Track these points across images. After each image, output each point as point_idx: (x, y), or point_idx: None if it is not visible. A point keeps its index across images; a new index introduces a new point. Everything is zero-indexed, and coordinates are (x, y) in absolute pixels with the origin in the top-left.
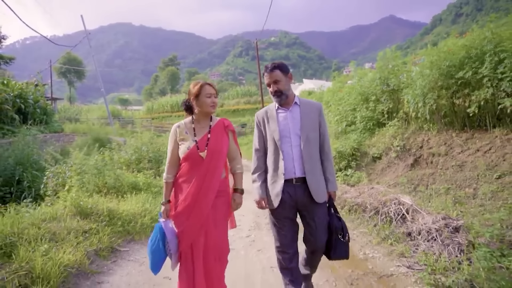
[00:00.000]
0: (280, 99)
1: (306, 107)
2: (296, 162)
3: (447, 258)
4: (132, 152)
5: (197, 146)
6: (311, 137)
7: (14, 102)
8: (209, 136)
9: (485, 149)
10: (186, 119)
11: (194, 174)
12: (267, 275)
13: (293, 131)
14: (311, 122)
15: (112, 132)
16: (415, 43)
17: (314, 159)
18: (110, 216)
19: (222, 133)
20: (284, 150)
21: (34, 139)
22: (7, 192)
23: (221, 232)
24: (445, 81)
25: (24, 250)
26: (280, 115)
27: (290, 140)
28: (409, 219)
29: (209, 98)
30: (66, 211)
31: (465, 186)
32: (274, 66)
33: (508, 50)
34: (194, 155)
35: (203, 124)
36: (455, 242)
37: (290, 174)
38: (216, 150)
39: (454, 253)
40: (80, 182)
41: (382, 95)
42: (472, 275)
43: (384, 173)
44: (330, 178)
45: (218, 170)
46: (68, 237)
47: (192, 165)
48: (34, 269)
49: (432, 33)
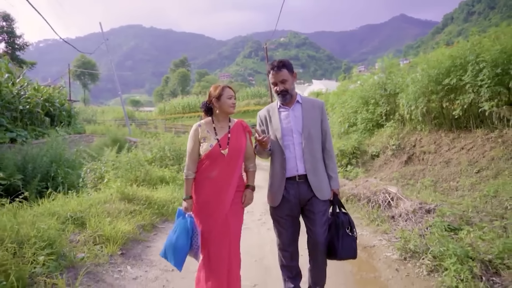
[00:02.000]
0: (285, 98)
1: (307, 105)
2: (299, 160)
3: (416, 232)
4: (156, 150)
5: (219, 144)
6: (313, 135)
7: (43, 105)
8: (229, 136)
9: (468, 147)
10: (206, 119)
11: (215, 170)
12: (274, 245)
13: (295, 129)
14: (313, 120)
15: (128, 133)
16: (426, 42)
17: (316, 156)
18: (147, 201)
19: (240, 133)
20: (286, 148)
21: (63, 139)
22: (43, 186)
23: (237, 221)
24: (434, 87)
25: (94, 221)
26: (282, 114)
27: (292, 138)
28: (394, 205)
29: (230, 99)
30: (113, 196)
31: (450, 180)
32: (281, 65)
33: (487, 61)
34: (216, 153)
35: (222, 125)
36: (425, 220)
37: (293, 171)
38: (236, 149)
39: (423, 228)
40: (115, 176)
41: (380, 98)
42: (428, 240)
43: (381, 169)
44: (332, 176)
45: (238, 167)
46: (120, 215)
47: (213, 162)
48: (104, 233)
49: (444, 32)
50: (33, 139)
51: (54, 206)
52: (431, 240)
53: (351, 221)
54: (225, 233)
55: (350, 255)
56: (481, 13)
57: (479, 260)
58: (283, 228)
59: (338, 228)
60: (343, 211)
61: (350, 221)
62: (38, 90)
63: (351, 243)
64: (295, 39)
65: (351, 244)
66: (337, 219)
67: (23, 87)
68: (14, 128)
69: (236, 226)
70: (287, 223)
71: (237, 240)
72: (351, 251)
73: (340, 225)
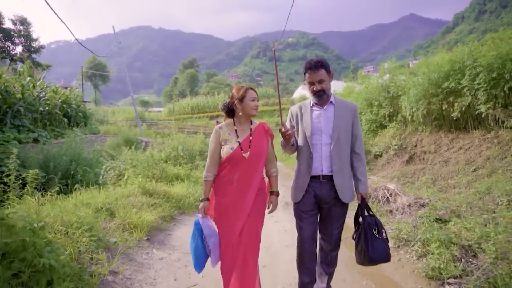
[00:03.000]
0: (321, 98)
1: (340, 107)
2: (324, 161)
3: (409, 223)
4: (170, 150)
5: (241, 147)
6: (343, 137)
7: (61, 107)
8: (251, 138)
9: (466, 147)
10: (227, 121)
11: (236, 174)
12: (281, 235)
13: (325, 129)
14: (344, 122)
15: (140, 134)
16: (436, 42)
17: (344, 159)
18: (166, 195)
19: (262, 136)
20: (314, 148)
21: (81, 139)
22: (63, 184)
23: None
24: (435, 90)
25: (122, 211)
26: (315, 113)
27: (321, 138)
28: (392, 200)
29: (253, 101)
30: (135, 191)
31: (448, 178)
32: (320, 65)
33: (483, 66)
34: (237, 156)
35: (244, 127)
36: (419, 214)
37: (317, 171)
38: (258, 152)
39: (416, 220)
40: (134, 173)
41: (384, 101)
42: (418, 229)
43: (384, 168)
44: (361, 179)
45: (259, 170)
46: (143, 207)
47: (234, 165)
48: (131, 222)
49: (454, 31)
50: (53, 139)
51: (86, 199)
52: (420, 230)
53: (378, 223)
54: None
55: (381, 258)
56: (493, 12)
57: (460, 245)
58: (304, 224)
59: (366, 231)
60: (370, 213)
61: (377, 222)
62: (56, 92)
63: (382, 245)
64: (304, 39)
65: (381, 246)
66: (364, 222)
67: (43, 89)
68: (36, 129)
69: (254, 233)
70: (309, 218)
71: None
72: (382, 254)
73: (367, 228)
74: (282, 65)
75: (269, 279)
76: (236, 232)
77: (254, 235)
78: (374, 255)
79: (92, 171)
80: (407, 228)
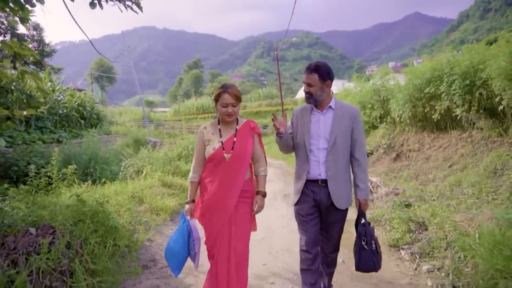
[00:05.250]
0: (309, 101)
1: (339, 112)
2: (322, 165)
3: (383, 207)
4: (181, 149)
5: (223, 147)
6: (340, 142)
7: (77, 109)
8: (235, 139)
9: (444, 146)
10: (213, 121)
11: (218, 174)
12: (279, 219)
13: (322, 134)
14: (342, 127)
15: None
16: (441, 40)
17: (340, 164)
18: (181, 187)
19: (247, 135)
20: (311, 152)
21: (98, 139)
22: (83, 180)
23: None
24: (418, 94)
25: (148, 198)
26: (314, 117)
27: (318, 142)
28: (374, 191)
29: (225, 108)
30: (156, 183)
31: (428, 173)
32: (314, 69)
33: (457, 74)
34: (219, 156)
35: (229, 127)
36: (393, 201)
37: (315, 175)
38: (241, 153)
39: (390, 206)
40: (152, 169)
41: (375, 103)
42: (386, 212)
43: (374, 165)
44: (360, 186)
45: (241, 171)
46: (164, 196)
47: (216, 165)
48: (157, 206)
49: (459, 30)
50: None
51: (119, 189)
52: (388, 211)
53: (368, 234)
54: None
55: (368, 268)
56: (498, 10)
57: (416, 222)
58: (306, 228)
59: (357, 241)
60: (363, 223)
61: (367, 233)
62: (73, 95)
63: (370, 257)
64: (307, 39)
65: (369, 257)
66: (357, 231)
67: (61, 93)
68: (56, 130)
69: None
70: (310, 222)
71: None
72: (369, 265)
73: (357, 238)
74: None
75: (267, 247)
76: (216, 238)
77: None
78: (361, 266)
79: (109, 168)
80: (380, 211)
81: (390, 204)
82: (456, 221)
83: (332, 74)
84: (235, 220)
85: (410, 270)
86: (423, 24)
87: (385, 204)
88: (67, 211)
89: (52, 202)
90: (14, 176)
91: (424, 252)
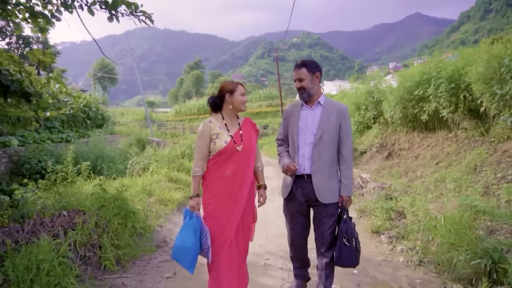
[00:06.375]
0: (303, 96)
1: (327, 108)
2: (307, 160)
3: (371, 200)
4: (185, 148)
5: (234, 140)
6: (326, 138)
7: (82, 110)
8: (241, 132)
9: (432, 145)
10: (215, 116)
11: (229, 168)
12: (275, 210)
13: (310, 129)
14: (330, 124)
15: (150, 134)
16: (442, 41)
17: (325, 160)
18: (186, 182)
19: (250, 130)
20: (299, 147)
21: (104, 139)
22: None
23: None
24: (408, 96)
25: (157, 191)
26: (303, 113)
27: (305, 137)
28: (364, 186)
29: (242, 96)
30: (163, 179)
31: (416, 170)
32: (302, 64)
33: (443, 77)
34: (231, 149)
35: (232, 121)
36: (378, 194)
37: (300, 170)
38: (250, 145)
39: (375, 198)
40: (157, 167)
41: (369, 105)
42: (371, 203)
43: (367, 163)
44: (344, 182)
45: (251, 164)
46: (171, 189)
47: (228, 159)
48: (165, 198)
49: (460, 30)
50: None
51: (130, 183)
52: (373, 203)
53: (349, 231)
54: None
55: (347, 264)
56: (499, 11)
57: (396, 211)
58: (292, 223)
59: (338, 236)
60: (344, 219)
61: (348, 230)
62: (79, 96)
63: (349, 254)
64: (308, 39)
65: (348, 254)
66: (338, 227)
67: (69, 95)
68: (64, 130)
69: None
70: (296, 219)
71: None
72: (348, 261)
73: (339, 234)
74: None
75: (263, 232)
76: (233, 229)
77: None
78: (340, 261)
79: (114, 166)
80: (366, 203)
81: (375, 196)
82: (429, 209)
83: (320, 66)
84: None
85: (387, 251)
86: (424, 25)
87: (371, 196)
88: (91, 198)
89: (76, 192)
90: (27, 174)
91: (400, 236)
